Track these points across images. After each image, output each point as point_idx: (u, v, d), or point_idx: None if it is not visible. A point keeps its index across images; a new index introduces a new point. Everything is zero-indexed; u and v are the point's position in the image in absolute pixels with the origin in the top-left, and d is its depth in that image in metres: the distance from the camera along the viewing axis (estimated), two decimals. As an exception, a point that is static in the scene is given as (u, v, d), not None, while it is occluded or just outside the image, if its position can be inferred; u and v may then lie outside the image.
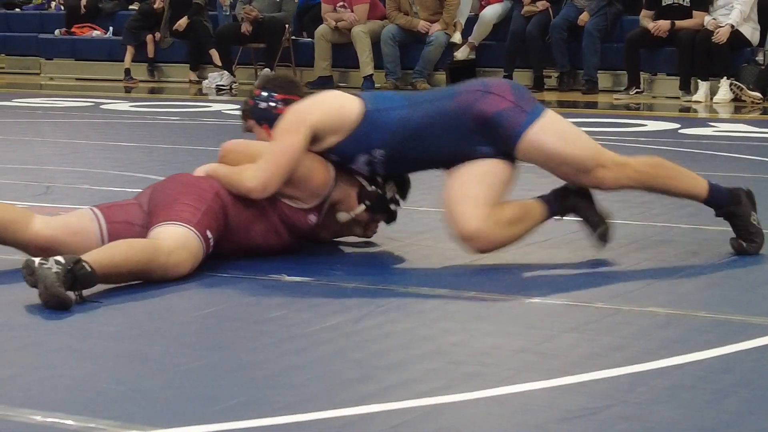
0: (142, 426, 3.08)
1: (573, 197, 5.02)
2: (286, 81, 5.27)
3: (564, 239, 5.38)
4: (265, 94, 5.16)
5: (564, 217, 5.05)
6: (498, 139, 4.89)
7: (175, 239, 4.61)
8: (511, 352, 3.76)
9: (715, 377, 3.50)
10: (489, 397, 3.34)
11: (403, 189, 5.24)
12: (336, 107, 4.95)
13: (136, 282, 4.56)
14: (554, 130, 4.94)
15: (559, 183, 5.08)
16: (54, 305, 4.21)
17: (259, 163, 4.87)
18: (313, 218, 4.98)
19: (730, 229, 5.13)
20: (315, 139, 4.92)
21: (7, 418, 3.16)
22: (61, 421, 3.13)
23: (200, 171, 5.00)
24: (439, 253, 5.07)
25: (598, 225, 5.01)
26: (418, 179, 7.21)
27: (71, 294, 4.25)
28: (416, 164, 5.07)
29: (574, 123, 5.28)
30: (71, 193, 6.49)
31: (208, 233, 4.73)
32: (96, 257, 4.38)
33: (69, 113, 11.82)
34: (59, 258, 4.27)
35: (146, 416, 3.16)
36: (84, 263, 4.29)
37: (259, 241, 4.95)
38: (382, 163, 4.98)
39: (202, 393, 3.35)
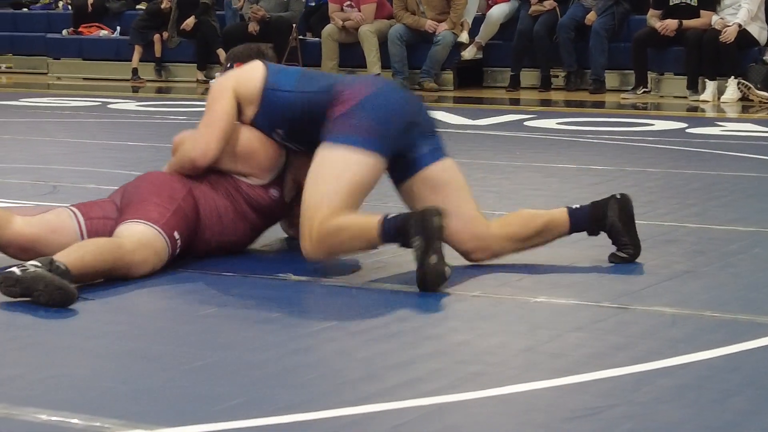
0: (146, 425, 3.08)
1: (612, 217, 4.89)
2: (246, 51, 5.29)
3: (570, 238, 5.37)
4: (228, 66, 5.22)
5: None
6: None
7: (138, 237, 4.63)
8: (516, 352, 3.75)
9: (721, 377, 3.49)
10: (494, 397, 3.33)
11: None
12: (248, 77, 5.00)
13: (139, 282, 4.57)
14: (324, 163, 4.66)
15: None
16: (59, 299, 4.21)
17: (194, 135, 4.98)
18: (275, 193, 4.99)
19: (737, 228, 5.12)
20: (240, 109, 4.98)
21: (12, 416, 3.16)
22: (66, 419, 3.13)
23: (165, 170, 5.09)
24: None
25: (626, 248, 4.92)
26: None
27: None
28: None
29: (581, 122, 5.27)
30: (78, 193, 6.49)
31: (176, 234, 4.75)
32: (68, 258, 4.40)
33: (76, 113, 11.83)
34: (34, 261, 4.30)
35: (150, 415, 3.16)
36: (58, 263, 4.31)
37: (232, 231, 4.96)
38: (292, 142, 4.98)
39: (206, 392, 3.35)
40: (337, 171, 4.64)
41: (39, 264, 4.28)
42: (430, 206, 4.42)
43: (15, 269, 4.28)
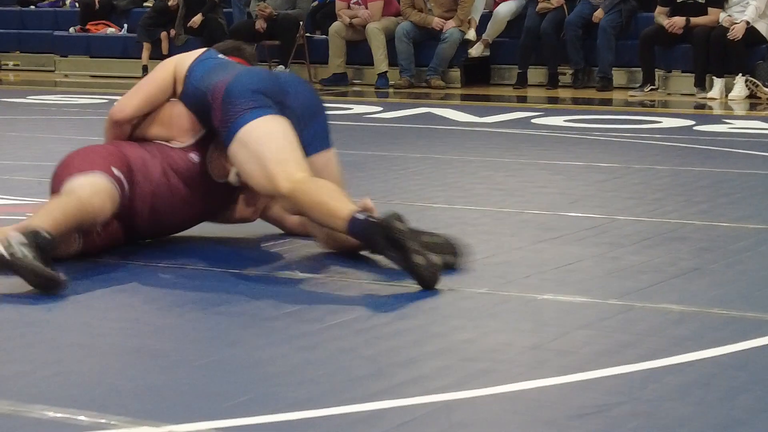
0: (152, 422, 3.08)
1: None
2: (223, 45, 5.44)
3: (576, 236, 5.38)
4: None
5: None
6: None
7: (88, 185, 4.72)
8: (523, 349, 3.75)
9: (728, 374, 3.49)
10: (501, 394, 3.33)
11: None
12: (185, 60, 5.20)
13: (145, 279, 4.58)
14: (241, 152, 4.77)
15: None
16: (45, 286, 4.32)
17: None
18: (194, 157, 5.06)
19: (744, 225, 5.09)
20: (176, 87, 5.16)
21: (19, 413, 3.16)
22: (73, 416, 3.13)
23: None
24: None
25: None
26: (431, 176, 7.22)
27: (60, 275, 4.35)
28: None
29: (588, 119, 5.26)
30: (85, 190, 6.49)
31: (115, 170, 4.86)
32: (46, 223, 4.47)
33: (84, 110, 11.84)
34: (20, 237, 4.35)
35: (157, 412, 3.16)
36: (43, 234, 4.40)
37: (161, 190, 5.01)
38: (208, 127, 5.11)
39: (213, 389, 3.35)
40: (256, 145, 4.73)
41: (25, 241, 4.33)
42: (386, 216, 4.43)
43: (2, 249, 4.32)
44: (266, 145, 4.72)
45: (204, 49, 5.27)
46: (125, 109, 5.13)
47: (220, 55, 5.23)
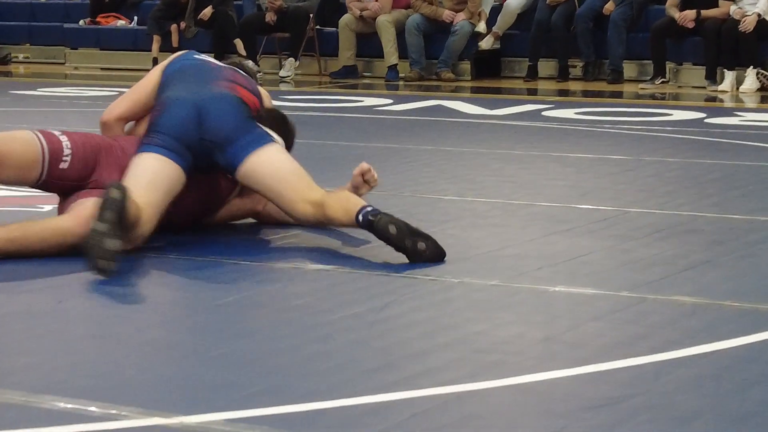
0: (164, 413, 3.08)
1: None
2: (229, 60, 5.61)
3: (587, 228, 5.37)
4: None
5: None
6: None
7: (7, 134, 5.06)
8: (534, 341, 3.74)
9: (740, 367, 3.48)
10: (512, 386, 3.33)
11: (287, 138, 5.30)
12: (168, 61, 5.34)
13: (156, 271, 4.58)
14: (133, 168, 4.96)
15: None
16: None
17: None
18: None
19: (756, 218, 5.07)
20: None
21: (30, 404, 3.16)
22: (84, 407, 3.13)
23: None
24: (463, 242, 5.05)
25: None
26: (441, 169, 7.21)
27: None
28: None
29: (599, 112, 5.24)
30: (95, 182, 6.48)
31: (58, 134, 5.10)
32: None
33: (94, 102, 11.83)
34: None
35: (168, 403, 3.16)
36: None
37: None
38: None
39: (225, 380, 3.35)
40: (133, 171, 4.91)
41: None
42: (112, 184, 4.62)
43: None
44: (133, 172, 4.89)
45: (183, 52, 5.44)
46: (113, 110, 5.33)
47: (197, 56, 5.38)
